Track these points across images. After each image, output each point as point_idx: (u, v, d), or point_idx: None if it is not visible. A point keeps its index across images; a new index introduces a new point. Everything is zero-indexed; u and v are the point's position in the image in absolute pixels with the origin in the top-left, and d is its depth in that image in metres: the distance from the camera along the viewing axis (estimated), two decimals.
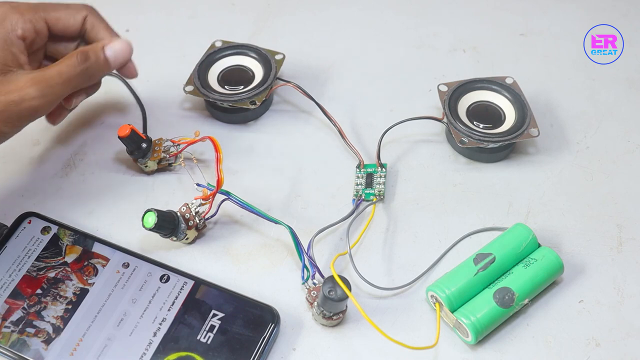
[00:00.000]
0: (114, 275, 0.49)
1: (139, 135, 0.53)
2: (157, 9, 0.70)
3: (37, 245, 0.50)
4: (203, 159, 0.56)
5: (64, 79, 0.48)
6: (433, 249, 0.51)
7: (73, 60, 0.49)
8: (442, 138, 0.58)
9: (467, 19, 0.68)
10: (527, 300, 0.46)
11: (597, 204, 0.53)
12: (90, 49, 0.50)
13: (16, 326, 0.46)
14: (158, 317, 0.47)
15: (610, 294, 0.48)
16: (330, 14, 0.69)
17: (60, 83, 0.48)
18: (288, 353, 0.46)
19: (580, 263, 0.50)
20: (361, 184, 0.54)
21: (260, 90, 0.57)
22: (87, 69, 0.50)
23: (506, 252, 0.48)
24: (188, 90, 0.57)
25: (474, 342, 0.45)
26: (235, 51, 0.60)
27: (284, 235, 0.50)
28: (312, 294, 0.47)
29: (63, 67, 0.49)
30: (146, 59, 0.57)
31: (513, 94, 0.56)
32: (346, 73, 0.63)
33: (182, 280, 0.48)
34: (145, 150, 0.53)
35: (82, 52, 0.50)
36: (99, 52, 0.50)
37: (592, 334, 0.47)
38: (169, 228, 0.49)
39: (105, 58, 0.50)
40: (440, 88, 0.57)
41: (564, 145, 0.57)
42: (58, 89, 0.48)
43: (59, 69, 0.48)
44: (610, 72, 0.63)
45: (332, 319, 0.46)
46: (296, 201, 0.54)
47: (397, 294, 0.49)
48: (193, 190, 0.51)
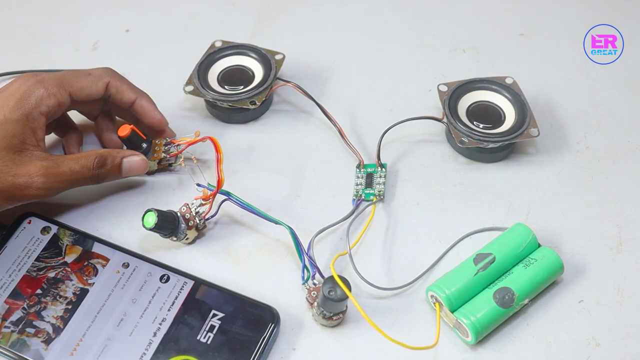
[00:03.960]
0: (114, 275, 0.49)
1: (139, 135, 0.53)
2: (157, 9, 0.70)
3: (37, 245, 0.50)
4: (203, 159, 0.56)
5: (73, 178, 0.49)
6: (433, 249, 0.51)
7: (89, 163, 0.49)
8: (442, 138, 0.58)
9: (467, 19, 0.68)
10: (527, 300, 0.46)
11: (597, 204, 0.53)
12: (109, 155, 0.50)
13: (16, 326, 0.46)
14: (158, 317, 0.47)
15: (610, 294, 0.48)
16: (330, 14, 0.69)
17: (69, 181, 0.49)
18: (288, 353, 0.46)
19: (580, 263, 0.50)
20: (361, 184, 0.54)
21: (260, 90, 0.57)
22: (98, 175, 0.50)
23: (506, 252, 0.48)
24: (188, 90, 0.57)
25: (474, 342, 0.45)
26: (235, 51, 0.60)
27: (283, 236, 0.50)
28: (312, 294, 0.47)
29: (77, 167, 0.49)
30: (146, 59, 0.57)
31: (513, 94, 0.56)
32: (346, 73, 0.63)
33: (182, 280, 0.48)
34: (145, 151, 0.53)
35: (100, 158, 0.50)
36: (116, 160, 0.51)
37: (592, 334, 0.47)
38: (169, 228, 0.48)
39: (119, 169, 0.51)
40: (440, 88, 0.57)
41: (564, 145, 0.57)
42: (65, 185, 0.49)
43: (72, 168, 0.49)
44: (610, 72, 0.63)
45: (332, 319, 0.46)
46: (296, 201, 0.54)
47: (397, 294, 0.49)
48: (193, 190, 0.51)
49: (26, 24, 0.69)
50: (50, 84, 0.50)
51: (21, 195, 0.47)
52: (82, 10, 0.70)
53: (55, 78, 0.50)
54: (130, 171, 0.52)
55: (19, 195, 0.47)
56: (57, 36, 0.68)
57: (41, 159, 0.48)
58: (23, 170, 0.47)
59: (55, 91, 0.50)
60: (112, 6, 0.71)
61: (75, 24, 0.69)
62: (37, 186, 0.47)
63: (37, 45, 0.67)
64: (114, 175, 0.51)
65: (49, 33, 0.68)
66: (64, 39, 0.67)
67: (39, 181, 0.47)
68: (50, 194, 0.49)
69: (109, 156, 0.50)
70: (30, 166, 0.47)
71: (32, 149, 0.48)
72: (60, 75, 0.51)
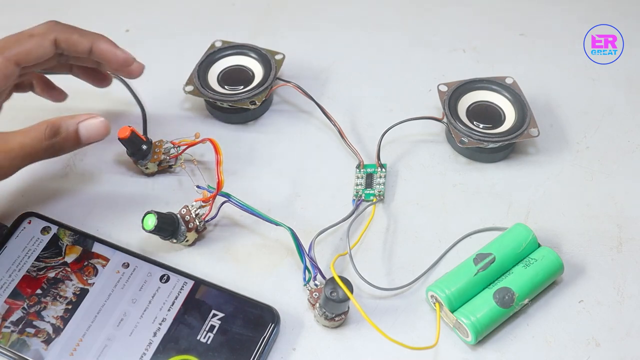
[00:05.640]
0: (114, 276, 0.49)
1: (139, 137, 0.53)
2: (157, 9, 0.70)
3: (37, 245, 0.50)
4: (203, 161, 0.56)
5: (25, 153, 0.44)
6: (433, 249, 0.51)
7: (39, 134, 0.45)
8: (442, 138, 0.58)
9: (467, 19, 0.68)
10: (527, 300, 0.46)
11: (597, 204, 0.53)
12: (63, 123, 0.45)
13: (16, 326, 0.46)
14: (158, 317, 0.47)
15: (610, 294, 0.48)
16: (330, 14, 0.69)
17: (20, 156, 0.44)
18: (288, 353, 0.46)
19: (580, 263, 0.50)
20: (361, 184, 0.54)
21: (260, 90, 0.57)
22: (53, 145, 0.45)
23: (506, 252, 0.48)
24: (188, 90, 0.57)
25: (474, 342, 0.45)
26: (235, 51, 0.60)
27: (283, 236, 0.50)
28: (314, 296, 0.47)
29: (27, 139, 0.44)
30: (146, 59, 0.57)
31: (513, 94, 0.56)
32: (346, 73, 0.63)
33: (182, 280, 0.48)
34: (145, 152, 0.53)
35: (52, 126, 0.45)
36: (70, 127, 0.46)
37: (592, 334, 0.47)
38: (169, 230, 0.48)
39: (77, 135, 0.46)
40: (440, 88, 0.57)
41: (564, 145, 0.57)
42: (17, 161, 0.44)
43: (22, 142, 0.44)
44: (610, 72, 0.63)
45: (335, 320, 0.46)
46: (296, 201, 0.54)
47: (397, 294, 0.49)
48: (193, 192, 0.51)
49: (26, 24, 0.69)
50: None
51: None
52: (82, 10, 0.70)
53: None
54: (90, 137, 0.47)
55: None
56: None
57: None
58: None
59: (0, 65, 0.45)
60: (112, 6, 0.71)
61: (75, 24, 0.69)
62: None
63: None
64: (72, 144, 0.46)
65: None
66: None
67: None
68: (4, 173, 0.44)
69: (62, 123, 0.45)
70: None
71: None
72: (2, 44, 0.46)
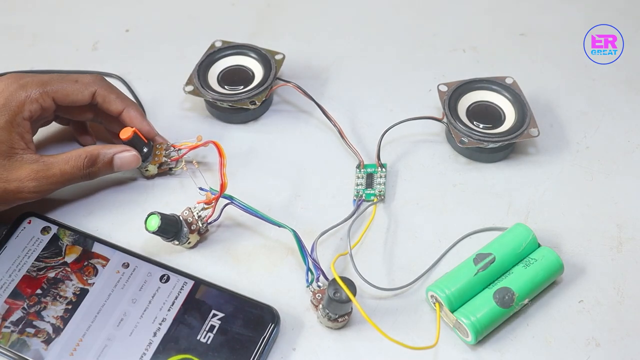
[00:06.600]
0: (114, 276, 0.49)
1: (141, 138, 0.52)
2: (157, 9, 0.70)
3: (37, 245, 0.50)
4: (204, 162, 0.56)
5: (65, 179, 0.50)
6: (433, 249, 0.51)
7: (79, 163, 0.50)
8: (442, 138, 0.58)
9: (467, 19, 0.68)
10: (527, 300, 0.46)
11: (597, 204, 0.53)
12: (100, 153, 0.51)
13: (16, 326, 0.46)
14: (158, 317, 0.47)
15: (610, 294, 0.48)
16: (330, 14, 0.69)
17: (60, 182, 0.49)
18: (288, 353, 0.46)
19: (580, 263, 0.50)
20: (361, 184, 0.54)
21: (260, 90, 0.57)
22: (89, 173, 0.51)
23: (506, 252, 0.48)
24: (188, 90, 0.57)
25: (474, 342, 0.45)
26: (235, 51, 0.60)
27: (284, 236, 0.50)
28: (317, 297, 0.47)
29: (68, 168, 0.49)
30: (146, 59, 0.57)
31: (513, 94, 0.56)
32: (346, 73, 0.63)
33: (182, 281, 0.48)
34: (146, 154, 0.53)
35: (90, 157, 0.50)
36: (107, 157, 0.51)
37: (592, 334, 0.47)
38: (171, 232, 0.48)
39: (111, 165, 0.51)
40: (440, 88, 0.57)
41: (564, 145, 0.57)
42: (57, 186, 0.50)
43: (63, 170, 0.49)
44: (610, 72, 0.63)
45: (338, 321, 0.46)
46: (296, 201, 0.54)
47: (397, 294, 0.49)
48: (194, 194, 0.51)
49: (26, 24, 0.69)
50: (32, 88, 0.49)
51: (14, 199, 0.48)
52: (82, 10, 0.70)
53: (40, 82, 0.50)
54: (122, 167, 0.52)
55: (12, 199, 0.48)
56: (57, 36, 0.68)
57: (31, 162, 0.48)
58: (14, 176, 0.48)
59: (38, 96, 0.49)
60: (112, 6, 0.71)
61: (75, 24, 0.69)
62: (29, 190, 0.48)
63: (37, 45, 0.67)
64: (105, 171, 0.52)
65: (49, 33, 0.68)
66: (64, 39, 0.67)
67: (30, 185, 0.48)
68: (42, 195, 0.50)
69: (99, 154, 0.50)
70: (21, 171, 0.48)
71: (22, 152, 0.48)
72: (46, 79, 0.51)
